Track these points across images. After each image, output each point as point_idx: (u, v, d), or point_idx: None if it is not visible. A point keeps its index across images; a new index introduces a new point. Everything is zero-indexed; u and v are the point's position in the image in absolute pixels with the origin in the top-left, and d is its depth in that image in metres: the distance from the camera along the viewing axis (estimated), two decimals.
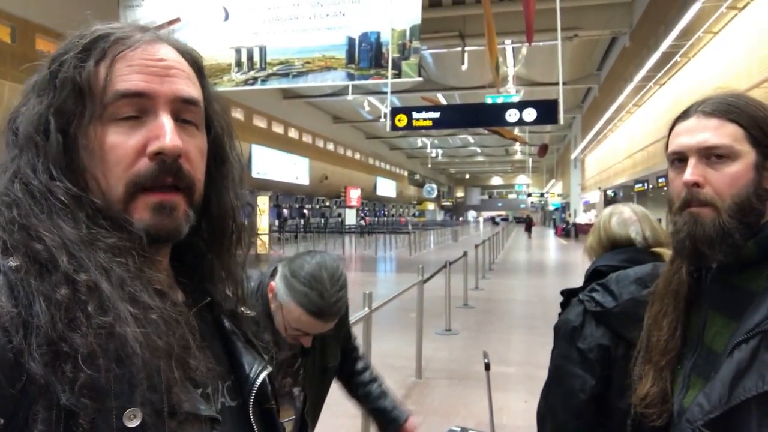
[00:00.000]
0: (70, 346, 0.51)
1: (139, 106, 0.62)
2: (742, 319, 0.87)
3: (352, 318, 2.70)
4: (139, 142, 0.62)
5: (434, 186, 57.57)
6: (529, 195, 63.88)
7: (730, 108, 0.93)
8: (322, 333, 1.42)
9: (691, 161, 0.93)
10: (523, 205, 77.32)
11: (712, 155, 0.92)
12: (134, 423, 0.53)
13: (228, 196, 0.75)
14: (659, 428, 1.00)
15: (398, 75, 10.54)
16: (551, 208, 53.74)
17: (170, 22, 10.39)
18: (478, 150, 53.53)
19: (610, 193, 26.04)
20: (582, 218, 33.89)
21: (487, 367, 2.09)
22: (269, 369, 0.77)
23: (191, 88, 0.67)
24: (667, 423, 0.98)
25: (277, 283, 1.37)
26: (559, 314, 1.40)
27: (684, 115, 0.98)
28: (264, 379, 0.75)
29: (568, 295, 1.42)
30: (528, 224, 38.67)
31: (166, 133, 0.62)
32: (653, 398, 0.99)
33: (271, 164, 26.27)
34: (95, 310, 0.53)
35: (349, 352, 1.81)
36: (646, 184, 18.73)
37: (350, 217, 39.44)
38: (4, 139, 0.64)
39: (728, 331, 0.90)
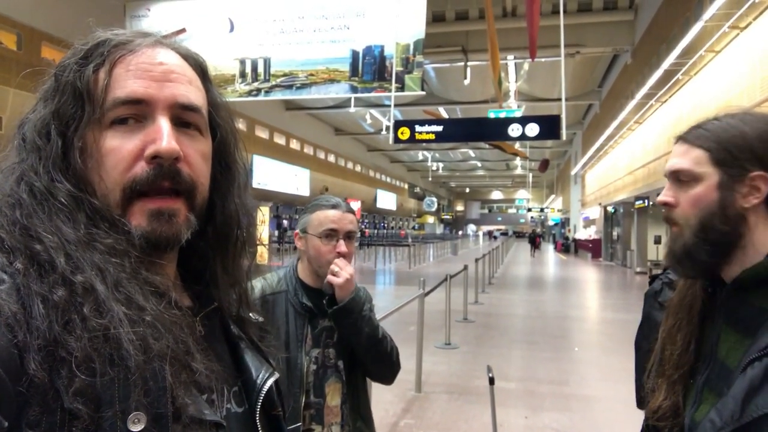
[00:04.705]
0: (66, 349, 0.51)
1: (138, 111, 0.63)
2: (756, 336, 0.88)
3: None
4: (136, 146, 0.62)
5: (434, 199, 57.53)
6: (529, 210, 63.83)
7: (700, 133, 0.99)
8: (348, 230, 1.58)
9: (667, 184, 1.04)
10: (522, 220, 77.35)
11: (679, 178, 1.01)
12: (138, 427, 0.52)
13: (233, 201, 0.75)
14: None
15: (401, 88, 10.59)
16: (551, 223, 53.71)
17: (176, 33, 10.47)
18: (479, 164, 53.66)
19: (610, 209, 26.02)
20: (582, 234, 33.70)
21: (492, 381, 2.07)
22: (276, 375, 0.77)
23: (192, 93, 0.67)
24: None
25: (299, 225, 1.61)
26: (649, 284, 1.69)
27: None
28: (271, 386, 0.75)
29: (652, 278, 1.72)
30: (533, 241, 35.22)
31: (163, 136, 0.61)
32: (665, 411, 1.01)
33: (272, 175, 26.34)
34: (90, 312, 0.53)
35: None
36: (646, 201, 18.72)
37: None
38: (14, 142, 0.65)
39: (742, 347, 0.91)
